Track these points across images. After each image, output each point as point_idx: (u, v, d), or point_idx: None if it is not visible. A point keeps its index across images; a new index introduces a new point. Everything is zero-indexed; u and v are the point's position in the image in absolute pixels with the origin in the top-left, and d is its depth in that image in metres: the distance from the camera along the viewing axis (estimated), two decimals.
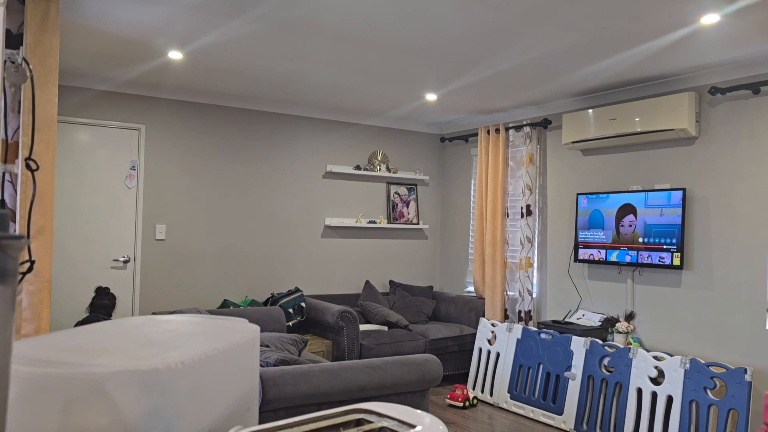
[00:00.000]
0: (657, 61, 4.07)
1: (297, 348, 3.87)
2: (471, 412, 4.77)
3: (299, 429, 0.91)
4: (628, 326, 4.54)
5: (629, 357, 4.09)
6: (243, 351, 0.95)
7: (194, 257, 5.31)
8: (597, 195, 4.90)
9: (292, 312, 5.22)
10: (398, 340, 5.13)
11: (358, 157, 6.26)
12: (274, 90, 5.18)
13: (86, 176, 4.88)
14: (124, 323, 1.09)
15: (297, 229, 5.86)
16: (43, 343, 0.92)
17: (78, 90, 4.84)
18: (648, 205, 4.52)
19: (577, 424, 4.28)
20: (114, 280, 4.99)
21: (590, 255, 4.92)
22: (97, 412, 0.79)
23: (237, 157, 5.54)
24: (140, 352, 0.86)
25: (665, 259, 4.38)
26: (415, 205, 6.56)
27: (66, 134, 4.81)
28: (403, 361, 3.18)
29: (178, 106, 5.26)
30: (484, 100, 5.41)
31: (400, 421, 0.91)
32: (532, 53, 3.94)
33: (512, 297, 5.68)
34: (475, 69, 4.35)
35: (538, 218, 5.58)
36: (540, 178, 5.58)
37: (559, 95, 5.11)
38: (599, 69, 4.27)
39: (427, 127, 6.71)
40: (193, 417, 0.85)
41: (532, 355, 4.73)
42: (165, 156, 5.19)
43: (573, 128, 4.95)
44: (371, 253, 6.31)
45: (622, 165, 4.87)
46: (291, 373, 2.85)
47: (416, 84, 4.85)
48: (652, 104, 4.40)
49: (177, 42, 3.90)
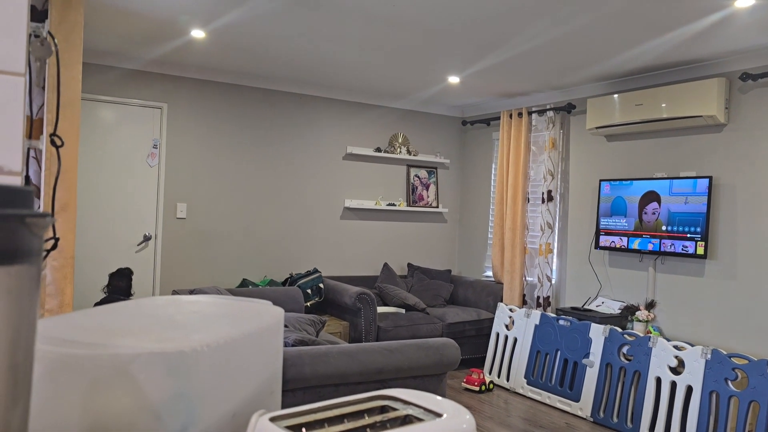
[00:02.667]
0: (688, 46, 3.97)
1: (315, 329, 3.88)
2: (487, 396, 4.77)
3: (323, 414, 0.90)
4: (648, 315, 4.49)
5: (649, 346, 4.05)
6: (268, 334, 0.94)
7: (214, 236, 5.34)
8: (620, 182, 4.83)
9: (310, 292, 5.24)
10: (415, 323, 5.13)
11: (379, 139, 6.22)
12: (296, 70, 5.15)
13: (109, 154, 4.91)
14: (147, 303, 1.08)
15: (316, 210, 5.86)
16: (68, 323, 0.91)
17: (101, 68, 4.86)
18: (672, 193, 4.44)
19: (594, 411, 4.26)
20: (135, 258, 5.03)
21: (611, 242, 4.86)
22: (122, 393, 0.78)
23: (258, 136, 5.53)
24: (165, 333, 0.85)
25: (689, 247, 4.31)
26: (434, 188, 6.53)
27: (89, 112, 4.83)
28: (420, 345, 3.17)
29: (200, 85, 5.26)
30: (508, 84, 5.33)
31: (426, 409, 0.89)
32: (558, 33, 3.86)
33: (531, 282, 5.64)
34: (500, 50, 4.29)
35: (559, 204, 5.53)
36: (562, 164, 5.51)
37: (584, 79, 5.02)
38: (629, 54, 4.18)
39: (449, 110, 6.65)
40: (217, 400, 0.84)
41: (549, 342, 4.71)
42: (186, 135, 5.20)
43: (597, 113, 4.87)
44: (390, 236, 6.30)
45: (646, 151, 4.79)
46: (309, 354, 2.86)
47: (439, 66, 4.80)
48: (680, 90, 4.30)
49: (200, 20, 3.88)
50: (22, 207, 0.55)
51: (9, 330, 0.54)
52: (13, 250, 0.53)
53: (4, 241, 0.52)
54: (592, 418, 4.27)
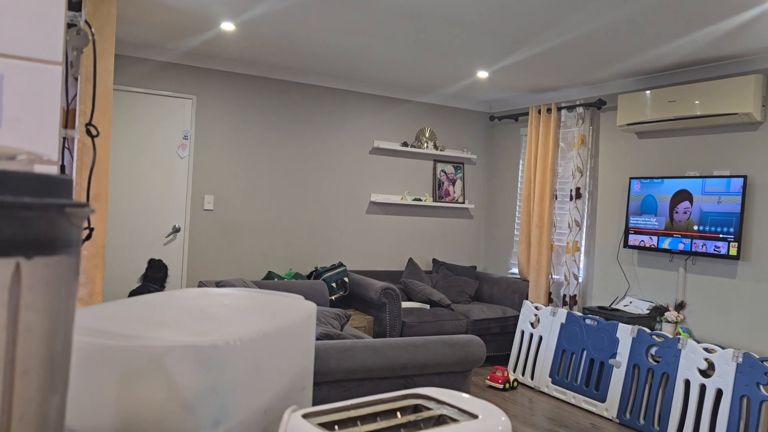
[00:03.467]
0: (723, 42, 3.87)
1: (339, 322, 3.89)
2: (511, 394, 4.73)
3: (355, 412, 0.88)
4: (677, 316, 4.40)
5: (678, 347, 3.98)
6: (300, 329, 0.93)
7: (241, 228, 5.37)
8: (651, 180, 4.74)
9: (335, 286, 5.24)
10: (440, 319, 5.11)
11: (406, 133, 6.19)
12: (324, 64, 5.15)
13: (139, 145, 4.96)
14: (179, 295, 1.08)
15: (342, 204, 5.86)
16: (101, 313, 0.91)
17: (133, 60, 4.90)
18: (705, 192, 4.35)
19: (620, 412, 4.20)
20: (164, 249, 5.09)
21: (641, 241, 4.78)
22: (155, 385, 0.78)
23: (285, 129, 5.55)
24: (198, 326, 0.84)
25: (721, 248, 4.22)
26: (461, 183, 6.48)
27: (120, 102, 4.88)
28: (446, 341, 3.15)
29: (229, 77, 5.28)
30: (537, 79, 5.27)
31: (460, 409, 0.87)
32: (590, 27, 3.80)
33: (557, 281, 5.58)
34: (530, 44, 4.23)
35: (588, 201, 5.45)
36: (591, 161, 5.43)
37: (615, 75, 4.94)
38: (662, 50, 4.09)
39: (477, 105, 6.59)
40: (249, 396, 0.83)
41: (576, 341, 4.65)
42: (215, 127, 5.24)
43: (629, 110, 4.78)
44: (415, 231, 6.27)
45: (679, 149, 4.69)
46: (335, 348, 2.86)
47: (468, 60, 4.75)
48: (715, 87, 4.20)
49: (230, 12, 3.89)
50: (61, 197, 0.55)
51: (48, 320, 0.54)
52: (53, 240, 0.53)
53: (43, 231, 0.52)
54: (618, 420, 4.21)
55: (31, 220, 0.50)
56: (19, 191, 0.50)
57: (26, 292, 0.51)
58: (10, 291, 0.50)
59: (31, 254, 0.51)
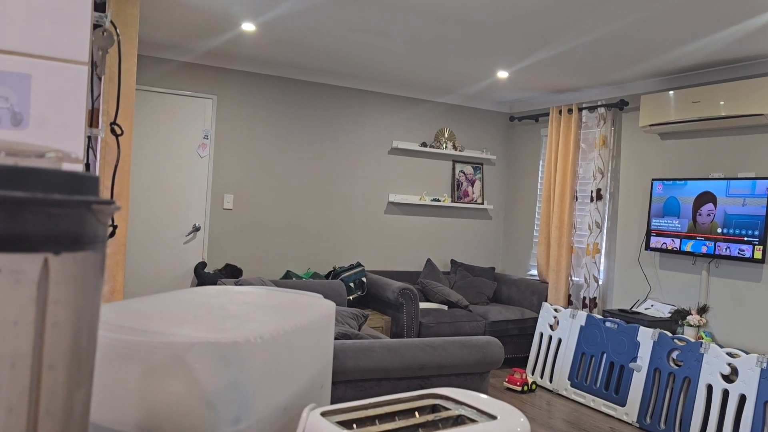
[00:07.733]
0: (748, 42, 3.81)
1: (357, 322, 3.89)
2: (529, 397, 4.70)
3: (373, 411, 0.89)
4: (700, 320, 4.35)
5: (700, 352, 3.93)
6: (319, 328, 0.94)
7: (259, 227, 5.41)
8: (674, 181, 4.68)
9: (353, 286, 5.26)
10: (458, 320, 5.09)
11: (425, 134, 6.19)
12: (344, 64, 5.16)
13: (161, 144, 5.02)
14: (200, 292, 1.09)
15: (361, 204, 5.87)
16: (125, 310, 0.92)
17: (155, 60, 4.96)
18: (729, 194, 4.28)
19: (641, 417, 4.15)
20: (183, 248, 5.13)
21: (663, 243, 4.73)
22: (177, 381, 0.79)
23: (305, 129, 5.57)
24: (219, 323, 0.85)
25: (745, 251, 4.15)
26: (480, 184, 6.46)
27: (141, 102, 4.94)
28: (464, 342, 3.14)
29: (249, 77, 5.32)
30: (558, 79, 5.23)
31: (478, 409, 0.87)
32: (613, 27, 3.76)
33: (577, 283, 5.54)
34: (551, 44, 4.20)
35: (609, 203, 5.40)
36: (613, 162, 5.38)
37: (637, 75, 4.89)
38: (686, 50, 4.04)
39: (496, 106, 6.56)
40: (268, 393, 0.84)
41: (595, 344, 4.61)
42: (234, 127, 5.27)
43: (651, 110, 4.73)
44: (434, 232, 6.26)
45: (702, 151, 4.63)
46: (352, 348, 2.86)
47: (488, 60, 4.73)
48: (740, 87, 4.14)
49: (250, 13, 3.92)
50: (88, 194, 0.56)
51: (74, 315, 0.55)
52: (80, 237, 0.54)
53: (71, 227, 0.53)
54: (638, 424, 4.16)
55: (60, 217, 0.51)
56: (49, 188, 0.51)
57: (54, 287, 0.52)
58: (39, 286, 0.51)
59: (59, 250, 0.52)
